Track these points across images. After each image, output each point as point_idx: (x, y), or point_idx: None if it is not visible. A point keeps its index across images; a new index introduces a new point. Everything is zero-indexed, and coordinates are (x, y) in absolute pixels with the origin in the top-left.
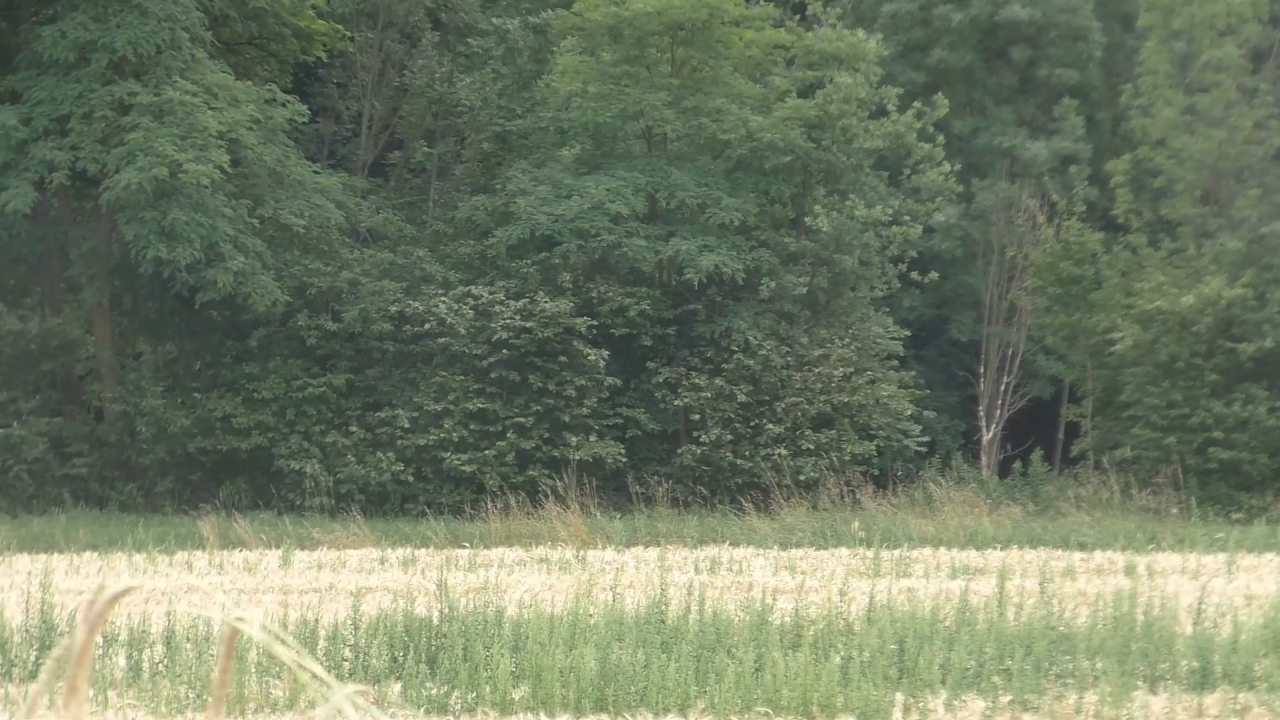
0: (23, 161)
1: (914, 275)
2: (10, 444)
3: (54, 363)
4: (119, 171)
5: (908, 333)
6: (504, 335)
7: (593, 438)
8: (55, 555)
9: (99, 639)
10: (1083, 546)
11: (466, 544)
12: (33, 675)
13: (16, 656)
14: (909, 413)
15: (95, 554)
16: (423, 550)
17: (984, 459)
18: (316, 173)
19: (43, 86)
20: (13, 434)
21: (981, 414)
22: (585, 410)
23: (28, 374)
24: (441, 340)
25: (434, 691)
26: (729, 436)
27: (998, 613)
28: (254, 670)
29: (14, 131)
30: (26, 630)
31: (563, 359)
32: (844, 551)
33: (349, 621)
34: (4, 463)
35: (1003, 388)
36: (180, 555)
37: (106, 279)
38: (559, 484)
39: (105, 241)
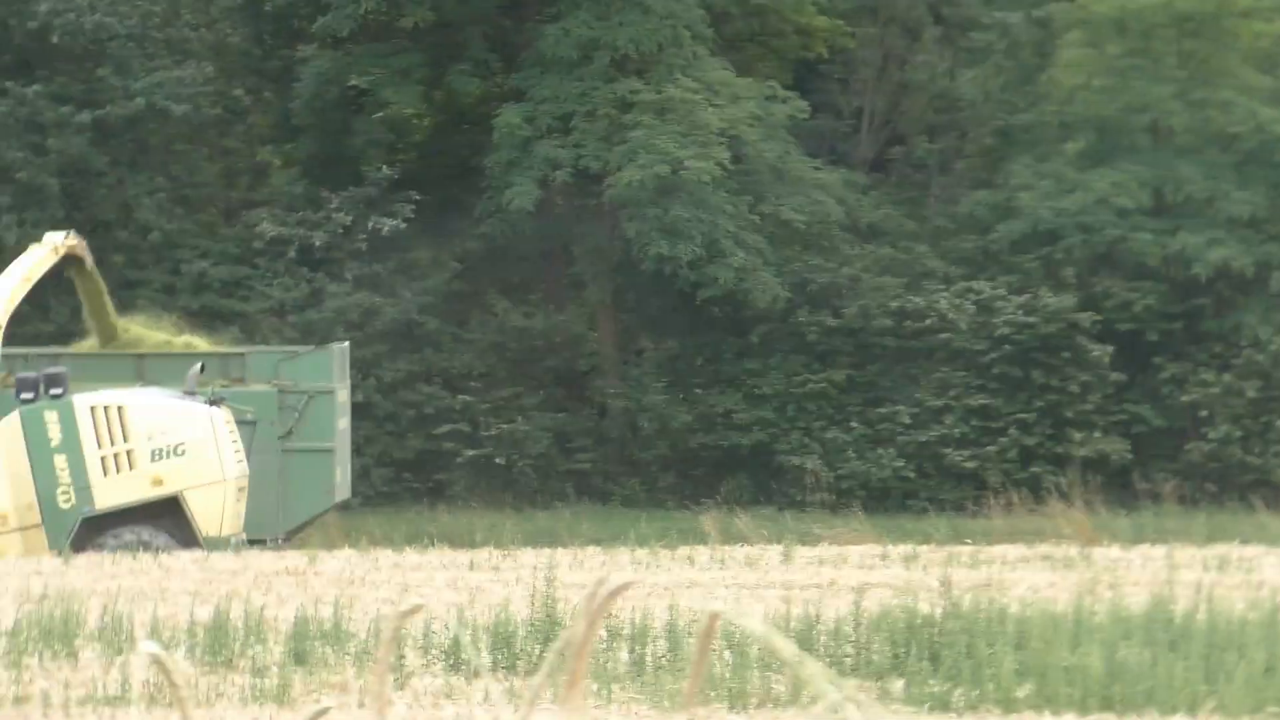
0: (527, 159)
1: None
2: (516, 439)
3: (558, 359)
4: (621, 169)
5: None
6: (1006, 331)
7: (1096, 434)
8: (559, 549)
9: (601, 633)
10: None
11: (968, 540)
12: (537, 668)
13: (521, 650)
14: None
15: (598, 548)
16: (924, 546)
17: None
18: (817, 169)
19: (546, 85)
20: (517, 429)
21: None
22: (1089, 406)
23: (532, 370)
24: (942, 336)
25: (936, 689)
26: (1238, 433)
27: None
28: (755, 665)
29: (518, 130)
30: (532, 623)
31: (1065, 355)
32: None
33: (850, 618)
34: (509, 457)
35: None
36: (682, 550)
37: (610, 276)
38: (1062, 481)
39: (608, 238)
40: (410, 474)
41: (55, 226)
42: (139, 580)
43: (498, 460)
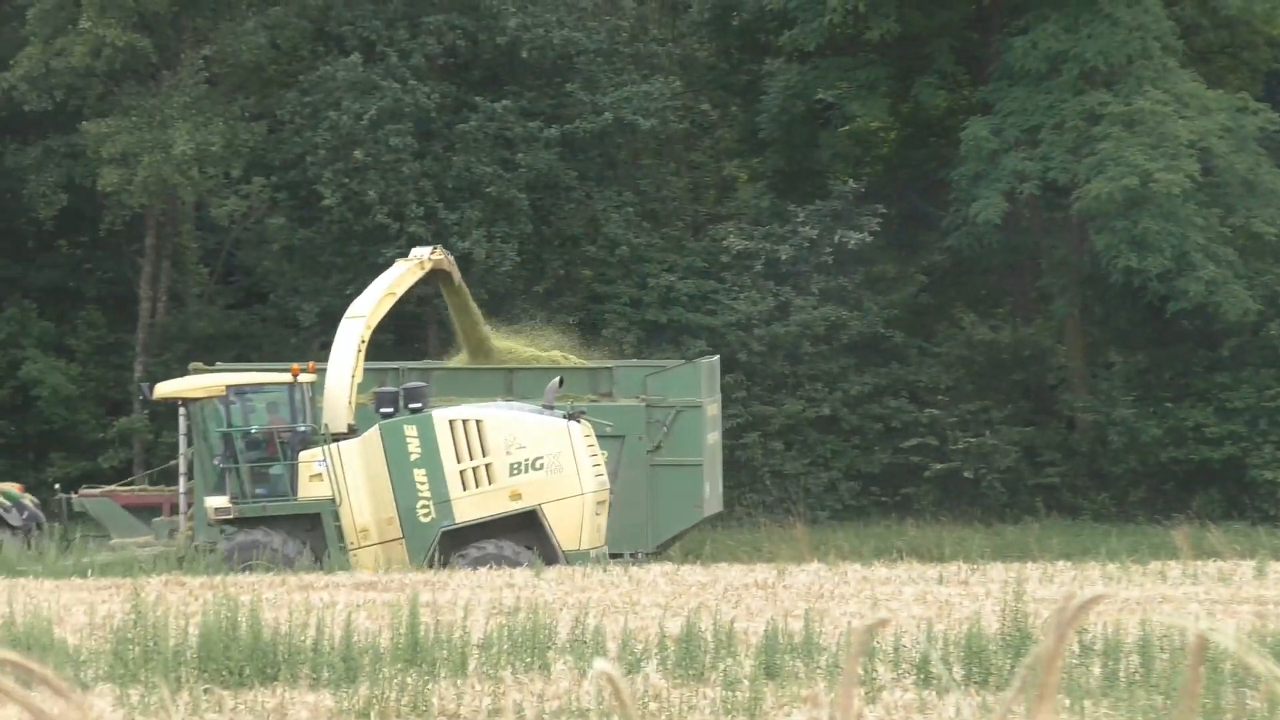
0: (993, 172)
1: None
2: (983, 453)
3: (1025, 372)
4: (1089, 181)
5: None
6: None
7: None
8: (1028, 564)
9: (1073, 647)
10: None
11: None
12: (1008, 683)
13: (992, 664)
14: None
15: (1068, 563)
16: None
17: None
18: None
19: (1013, 97)
20: (985, 443)
21: None
22: None
23: (999, 383)
24: None
25: None
26: None
27: None
28: (1229, 681)
29: (985, 142)
30: (1002, 638)
31: None
32: None
33: None
34: (977, 471)
35: None
36: (1152, 565)
37: (1077, 289)
38: None
39: (1076, 251)
40: (877, 488)
41: (524, 241)
42: (609, 593)
43: (965, 474)
